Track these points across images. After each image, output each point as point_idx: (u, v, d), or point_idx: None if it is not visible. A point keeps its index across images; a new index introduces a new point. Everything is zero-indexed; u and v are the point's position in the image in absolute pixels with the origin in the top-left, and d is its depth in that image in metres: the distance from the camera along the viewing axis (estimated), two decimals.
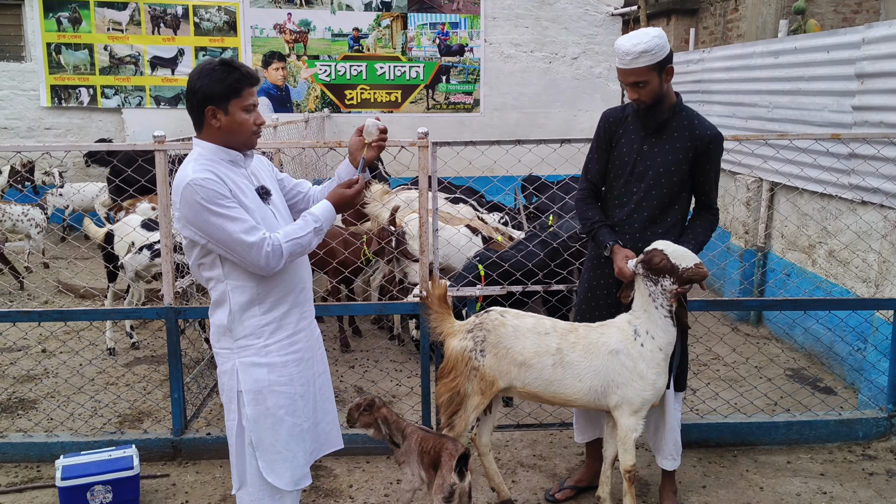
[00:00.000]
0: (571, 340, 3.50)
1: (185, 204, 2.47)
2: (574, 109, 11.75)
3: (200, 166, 2.50)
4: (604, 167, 3.67)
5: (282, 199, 2.85)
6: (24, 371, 5.86)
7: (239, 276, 2.60)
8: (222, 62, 2.56)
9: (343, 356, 6.21)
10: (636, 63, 3.31)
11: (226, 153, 2.59)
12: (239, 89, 2.54)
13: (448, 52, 11.48)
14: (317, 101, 11.36)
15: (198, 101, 2.54)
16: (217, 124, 2.56)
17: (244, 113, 2.57)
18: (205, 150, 2.58)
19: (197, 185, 2.43)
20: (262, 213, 2.61)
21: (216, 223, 2.45)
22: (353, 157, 2.93)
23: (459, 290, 4.47)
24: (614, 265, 3.49)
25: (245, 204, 2.53)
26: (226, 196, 2.47)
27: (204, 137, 2.60)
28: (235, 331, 2.64)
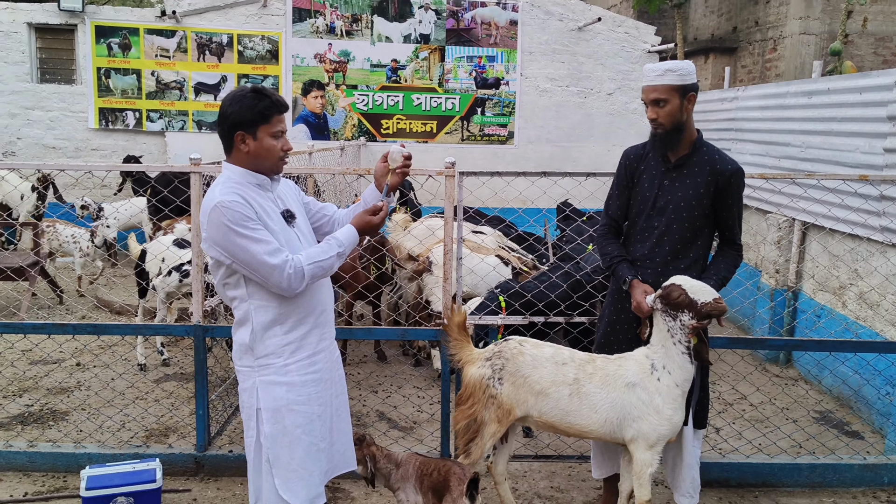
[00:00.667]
0: (589, 371, 3.51)
1: (212, 225, 2.56)
2: (608, 144, 11.78)
3: (228, 189, 2.59)
4: (625, 203, 3.71)
5: (306, 222, 2.93)
6: (57, 383, 6.01)
7: (262, 296, 2.68)
8: (254, 89, 2.66)
9: (367, 380, 6.26)
10: (660, 80, 3.37)
11: (253, 177, 2.69)
12: (268, 116, 2.63)
13: (484, 84, 11.62)
14: (354, 129, 11.53)
15: (228, 126, 2.65)
16: (246, 149, 2.65)
17: (272, 139, 2.66)
18: (233, 174, 2.68)
19: (224, 208, 2.53)
20: (286, 236, 2.69)
21: (241, 244, 2.54)
22: (378, 183, 3.02)
23: (481, 318, 4.52)
24: (632, 300, 3.51)
25: (270, 226, 2.62)
26: (251, 218, 2.56)
27: (233, 161, 2.70)
28: (257, 349, 2.72)
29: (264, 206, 2.66)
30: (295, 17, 11.19)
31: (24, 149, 10.94)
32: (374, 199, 3.01)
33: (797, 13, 12.39)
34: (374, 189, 3.04)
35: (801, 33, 12.29)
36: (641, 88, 3.50)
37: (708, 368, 3.65)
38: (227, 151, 2.74)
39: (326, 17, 11.25)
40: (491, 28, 11.54)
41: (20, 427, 5.16)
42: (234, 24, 11.04)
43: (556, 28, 11.59)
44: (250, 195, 2.62)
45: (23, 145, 10.97)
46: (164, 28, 10.89)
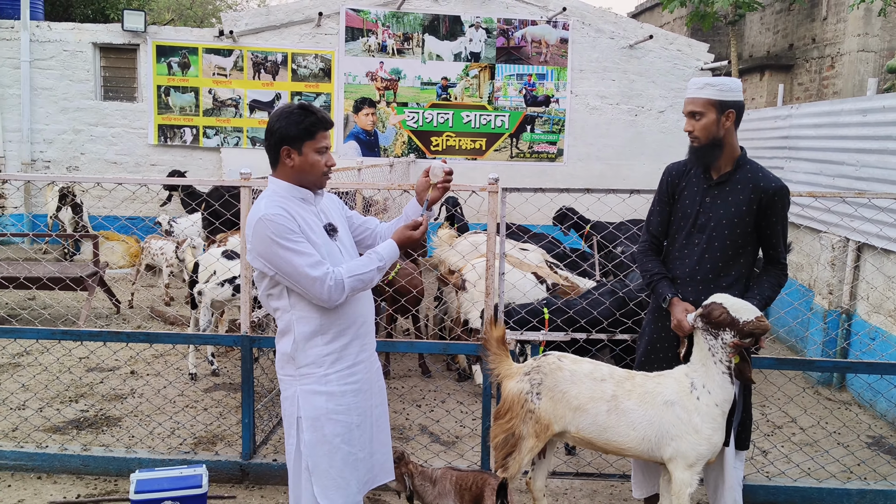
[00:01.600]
0: (627, 388, 3.49)
1: (257, 237, 2.65)
2: (659, 163, 11.46)
3: (273, 203, 2.68)
4: (665, 220, 3.69)
5: (349, 235, 3.00)
6: (111, 390, 6.20)
7: (304, 307, 2.75)
8: (301, 106, 2.75)
9: (410, 394, 6.30)
10: (699, 93, 3.38)
11: (297, 191, 2.77)
12: (313, 132, 2.72)
13: (534, 102, 11.61)
14: (403, 146, 11.62)
15: (275, 141, 2.74)
16: (291, 163, 2.73)
17: (317, 154, 2.74)
18: (278, 188, 2.76)
19: (268, 220, 2.61)
20: (328, 249, 2.75)
21: (284, 256, 2.62)
22: (420, 198, 3.08)
23: (523, 333, 4.53)
24: (672, 318, 3.48)
25: (312, 239, 2.69)
26: (294, 231, 2.63)
27: (278, 175, 2.79)
28: (298, 359, 2.79)
29: (307, 220, 2.72)
30: (348, 35, 11.35)
31: (87, 164, 11.32)
32: (415, 214, 3.06)
33: (855, 30, 12.14)
34: (416, 203, 3.09)
35: (859, 51, 12.04)
36: (684, 100, 3.51)
37: (750, 388, 3.59)
38: (272, 166, 2.83)
39: (378, 35, 11.39)
40: (541, 46, 11.54)
41: (75, 431, 5.32)
42: (288, 43, 11.26)
43: (607, 46, 11.54)
44: (294, 209, 2.70)
45: (86, 160, 11.34)
46: (222, 47, 11.19)
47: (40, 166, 11.22)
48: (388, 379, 6.49)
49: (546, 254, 7.28)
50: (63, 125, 11.29)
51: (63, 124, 11.28)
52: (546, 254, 7.28)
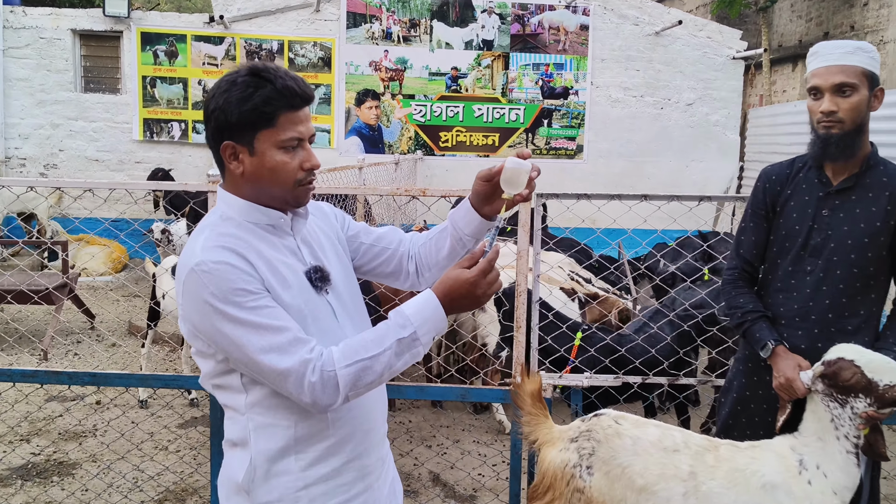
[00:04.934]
0: (710, 463, 2.62)
1: (189, 298, 1.66)
2: (686, 160, 10.87)
3: (217, 237, 1.69)
4: (762, 240, 2.79)
5: (351, 279, 1.96)
6: (71, 425, 5.34)
7: (269, 410, 1.74)
8: (252, 71, 1.70)
9: (419, 430, 5.44)
10: (849, 59, 2.47)
11: (259, 213, 1.76)
12: (272, 113, 1.69)
13: (551, 94, 10.95)
14: (410, 142, 10.96)
15: (212, 132, 1.75)
16: (239, 169, 1.72)
17: (281, 152, 1.71)
18: (230, 208, 1.76)
19: (204, 273, 1.62)
20: (312, 310, 1.75)
21: (231, 334, 1.63)
22: (482, 209, 1.92)
23: (561, 377, 3.63)
24: (775, 374, 2.60)
25: (283, 300, 1.70)
26: (249, 291, 1.64)
27: (228, 188, 1.79)
28: (256, 494, 1.75)
29: (275, 264, 1.73)
30: (349, 22, 10.68)
31: (66, 161, 10.65)
32: (473, 231, 1.92)
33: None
34: (474, 215, 1.91)
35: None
36: (813, 72, 2.57)
37: (880, 465, 2.71)
38: (220, 170, 1.82)
39: (383, 22, 10.73)
40: (559, 33, 10.87)
41: (20, 482, 4.47)
42: (284, 30, 10.58)
43: (631, 33, 10.80)
44: (253, 247, 1.71)
45: (65, 157, 10.68)
46: (213, 35, 10.48)
47: (15, 164, 10.55)
48: (392, 411, 5.62)
49: (575, 263, 6.39)
50: (40, 119, 10.60)
51: (40, 118, 10.59)
52: (575, 263, 6.39)
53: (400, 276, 2.06)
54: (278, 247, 1.77)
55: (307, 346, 1.64)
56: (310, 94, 1.76)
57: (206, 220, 1.79)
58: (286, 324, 1.65)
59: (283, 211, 1.79)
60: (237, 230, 1.72)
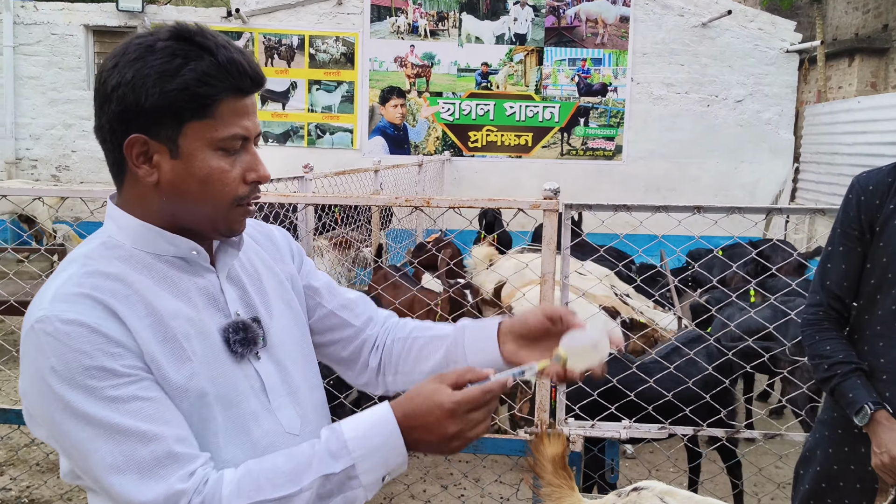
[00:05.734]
0: None
1: (26, 367, 1.12)
2: (734, 161, 10.17)
3: (82, 278, 1.14)
4: (856, 269, 2.12)
5: (304, 339, 1.39)
6: (48, 455, 4.84)
7: None
8: (178, 34, 1.15)
9: (434, 467, 4.84)
10: None
11: (166, 241, 1.21)
12: (208, 98, 1.15)
13: (588, 91, 10.37)
14: (437, 142, 10.48)
15: (110, 118, 1.17)
16: (151, 176, 1.18)
17: (218, 156, 1.18)
18: (120, 232, 1.22)
19: (47, 336, 1.09)
20: (223, 391, 1.20)
21: (73, 435, 1.10)
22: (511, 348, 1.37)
23: (594, 426, 2.98)
24: (876, 448, 1.95)
25: (173, 381, 1.14)
26: (112, 372, 1.09)
27: (125, 202, 1.23)
28: None
29: (170, 324, 1.17)
30: (373, 15, 10.24)
31: (79, 163, 10.36)
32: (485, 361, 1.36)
33: None
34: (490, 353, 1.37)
35: None
36: None
37: None
38: (114, 175, 1.23)
39: (408, 15, 10.27)
40: (597, 26, 10.28)
41: None
42: (305, 24, 10.15)
43: (675, 24, 10.15)
44: (139, 295, 1.17)
45: (77, 159, 10.39)
46: (230, 29, 10.07)
47: (26, 165, 10.31)
48: None
49: (615, 277, 5.72)
50: (51, 119, 10.30)
51: (51, 118, 10.30)
52: (615, 277, 5.72)
53: (355, 366, 1.51)
54: (186, 292, 1.21)
55: (185, 467, 1.09)
56: (262, 76, 1.23)
57: (78, 250, 1.21)
58: (160, 429, 1.10)
59: (204, 239, 1.25)
60: (122, 267, 1.17)
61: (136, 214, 1.20)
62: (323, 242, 5.59)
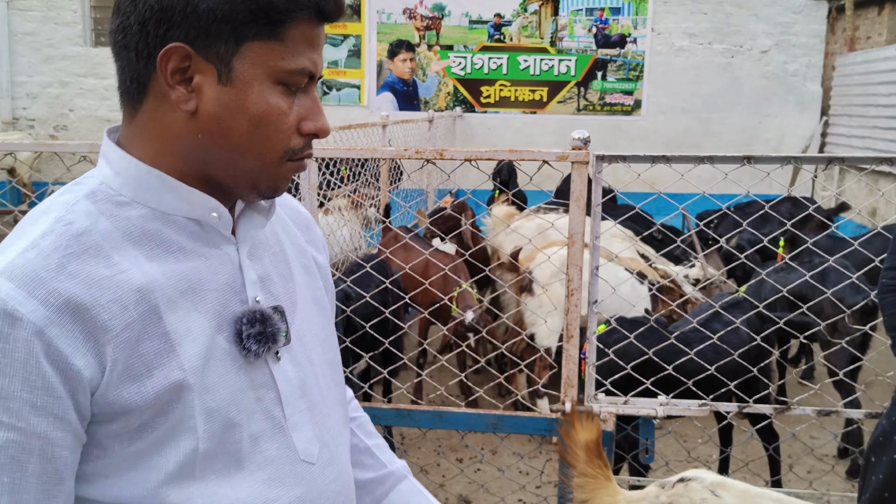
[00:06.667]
0: None
1: None
2: (759, 115, 9.83)
3: (51, 256, 0.84)
4: None
5: (329, 338, 1.13)
6: None
7: None
8: None
9: (447, 440, 4.61)
10: None
11: (178, 198, 0.93)
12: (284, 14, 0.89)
13: (606, 43, 10.05)
14: (448, 98, 10.24)
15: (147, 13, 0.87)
16: (189, 103, 0.90)
17: (278, 91, 0.92)
18: (118, 178, 0.92)
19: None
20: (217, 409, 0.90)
21: None
22: None
23: (628, 402, 2.68)
24: None
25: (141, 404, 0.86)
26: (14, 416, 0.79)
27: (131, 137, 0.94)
28: None
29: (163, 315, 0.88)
30: None
31: (77, 122, 10.17)
32: None
33: None
34: None
35: None
36: None
37: None
38: (126, 98, 0.94)
39: None
40: None
41: None
42: None
43: None
44: (125, 279, 0.86)
45: (75, 118, 10.20)
46: None
47: (24, 125, 10.12)
48: None
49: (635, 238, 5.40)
50: (48, 77, 10.10)
51: (48, 76, 10.10)
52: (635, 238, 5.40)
53: None
54: (193, 268, 0.92)
55: None
56: (344, 4, 0.98)
57: (58, 197, 0.91)
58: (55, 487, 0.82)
59: (229, 199, 0.97)
60: (111, 231, 0.88)
61: (145, 156, 0.91)
62: (342, 202, 5.28)
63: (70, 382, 0.80)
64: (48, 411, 0.79)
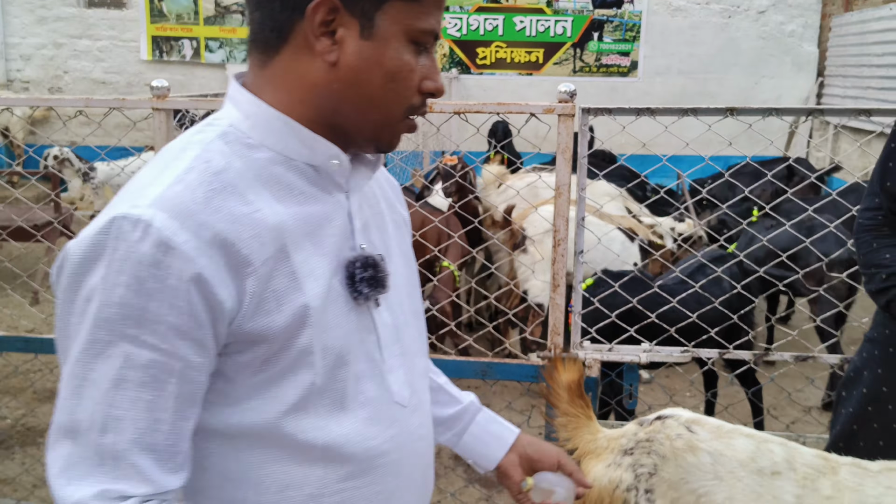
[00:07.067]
0: (825, 493, 1.85)
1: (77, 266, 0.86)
2: (756, 76, 9.79)
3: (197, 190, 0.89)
4: None
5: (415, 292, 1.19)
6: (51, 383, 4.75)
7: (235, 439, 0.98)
8: None
9: None
10: None
11: (301, 144, 0.98)
12: None
13: (603, 3, 9.89)
14: (444, 59, 10.08)
15: None
16: (331, 55, 0.95)
17: (410, 49, 0.98)
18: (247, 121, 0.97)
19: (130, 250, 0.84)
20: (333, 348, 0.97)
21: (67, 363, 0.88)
22: None
23: (612, 349, 2.76)
24: None
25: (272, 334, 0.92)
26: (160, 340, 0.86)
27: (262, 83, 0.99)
28: None
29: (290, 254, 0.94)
30: None
31: (72, 84, 9.98)
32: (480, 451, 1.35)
33: None
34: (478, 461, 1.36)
35: None
36: None
37: None
38: (261, 46, 0.98)
39: None
40: None
41: None
42: None
43: None
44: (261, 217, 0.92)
45: (70, 80, 10.02)
46: None
47: (18, 87, 9.94)
48: None
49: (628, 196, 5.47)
50: (42, 38, 9.91)
51: (42, 37, 9.90)
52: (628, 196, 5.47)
53: None
54: (313, 212, 0.98)
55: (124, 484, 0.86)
56: None
57: (191, 136, 0.96)
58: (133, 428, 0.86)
59: (347, 148, 1.02)
60: (244, 172, 0.93)
61: (276, 103, 0.96)
62: None
63: (213, 311, 0.86)
64: (191, 336, 0.85)
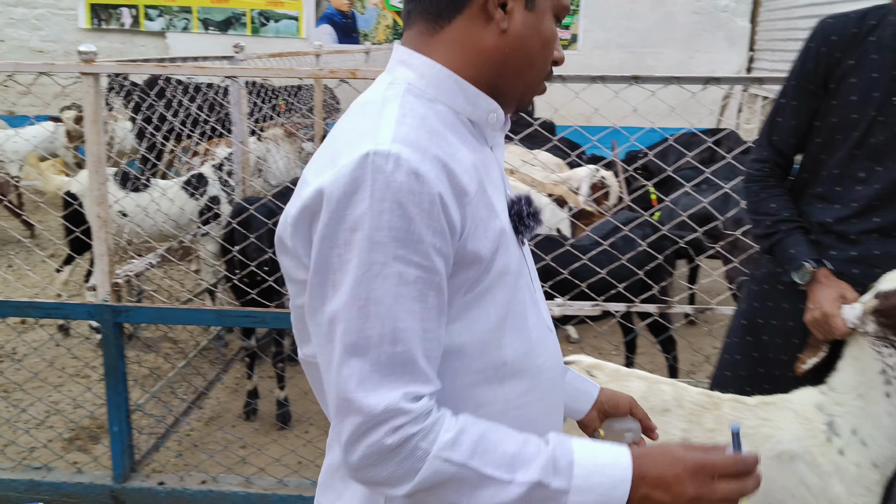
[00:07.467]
0: (709, 426, 2.05)
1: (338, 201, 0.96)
2: (690, 50, 9.96)
3: (419, 126, 1.01)
4: (805, 125, 2.05)
5: None
6: None
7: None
8: None
9: None
10: None
11: (466, 99, 1.10)
12: None
13: None
14: (388, 31, 9.96)
15: None
16: (504, 23, 1.08)
17: (553, 22, 1.14)
18: (422, 80, 1.09)
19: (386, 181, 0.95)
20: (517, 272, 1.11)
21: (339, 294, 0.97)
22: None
23: None
24: (810, 305, 1.94)
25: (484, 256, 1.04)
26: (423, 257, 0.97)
27: (433, 46, 1.10)
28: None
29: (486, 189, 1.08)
30: None
31: (7, 53, 9.68)
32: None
33: None
34: None
35: None
36: None
37: None
38: (434, 13, 1.09)
39: None
40: None
41: None
42: None
43: None
44: (462, 156, 1.05)
45: (6, 49, 9.73)
46: None
47: None
48: None
49: (562, 163, 5.65)
50: None
51: None
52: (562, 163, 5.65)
53: None
54: (483, 160, 1.12)
55: (418, 387, 0.98)
56: None
57: (384, 91, 1.07)
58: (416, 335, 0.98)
59: (503, 110, 1.16)
60: (437, 120, 1.06)
61: (447, 64, 1.09)
62: (277, 131, 5.28)
63: (453, 232, 0.99)
64: (443, 253, 0.98)
